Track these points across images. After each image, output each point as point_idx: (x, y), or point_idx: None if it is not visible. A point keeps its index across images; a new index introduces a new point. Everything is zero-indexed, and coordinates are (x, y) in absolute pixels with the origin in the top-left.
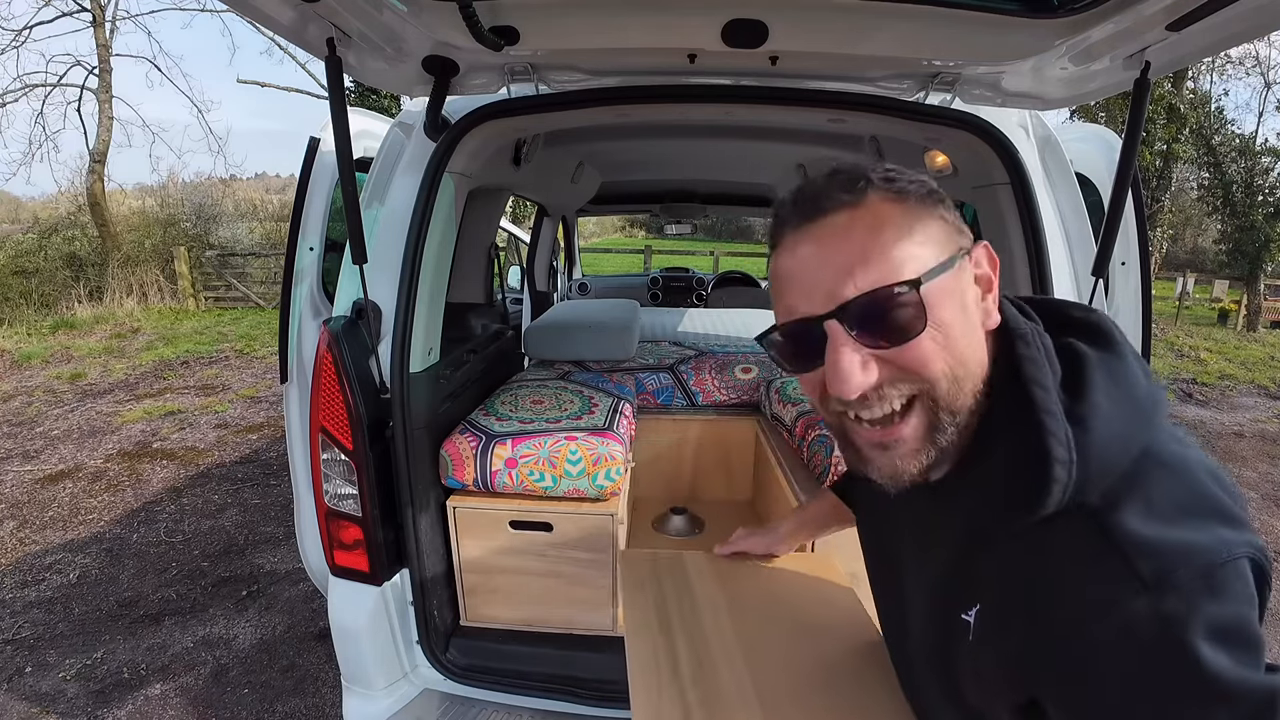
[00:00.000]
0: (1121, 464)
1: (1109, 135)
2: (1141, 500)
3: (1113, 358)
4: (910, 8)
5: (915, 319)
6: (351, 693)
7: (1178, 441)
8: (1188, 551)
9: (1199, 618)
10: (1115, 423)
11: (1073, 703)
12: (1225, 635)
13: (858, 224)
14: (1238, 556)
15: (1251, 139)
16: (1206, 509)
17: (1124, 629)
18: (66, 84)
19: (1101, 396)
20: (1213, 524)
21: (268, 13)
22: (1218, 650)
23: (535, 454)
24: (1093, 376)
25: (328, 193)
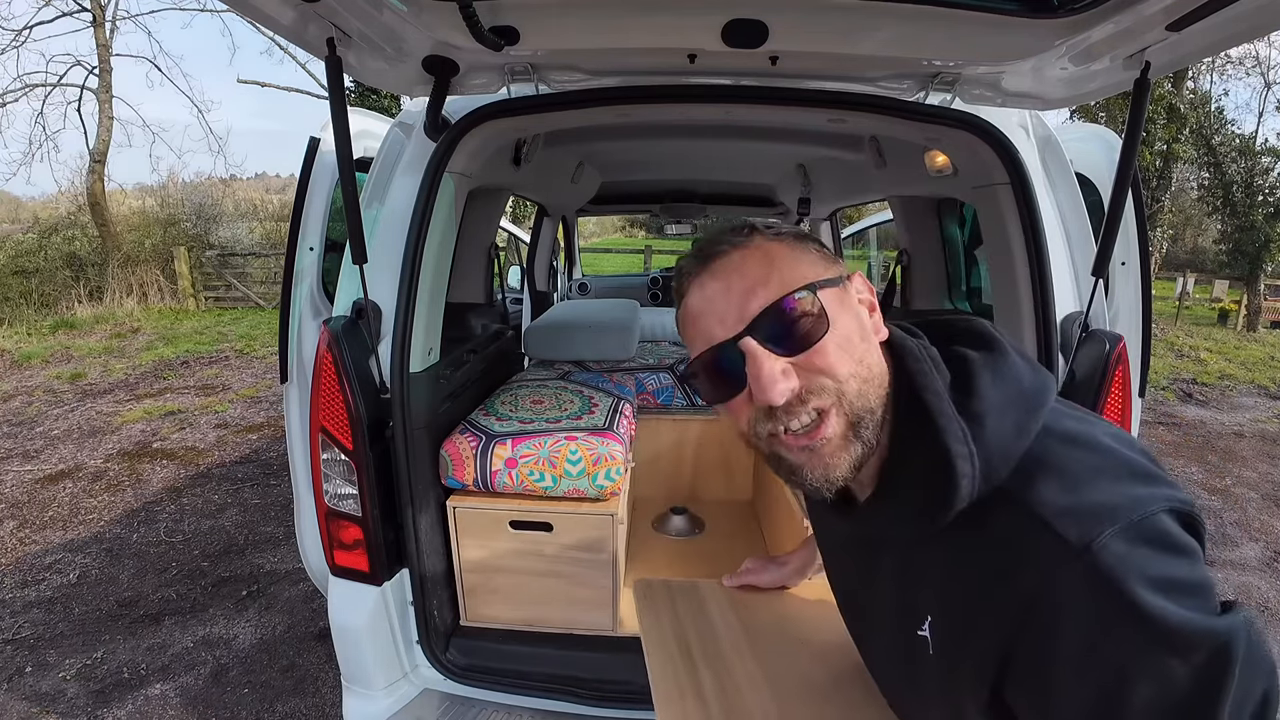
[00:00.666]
0: (1022, 447)
1: (1109, 135)
2: (1054, 474)
3: (996, 356)
4: (910, 8)
5: (818, 322)
6: (351, 693)
7: (1076, 418)
8: (1108, 510)
9: (1133, 570)
10: (1008, 412)
11: (1035, 681)
12: (1163, 583)
13: (750, 257)
14: (1155, 510)
15: (1251, 139)
16: (1118, 470)
17: (1065, 597)
18: (66, 84)
19: (990, 391)
20: (1126, 483)
21: (268, 13)
22: (1158, 596)
23: (535, 454)
24: (979, 375)
25: (328, 193)
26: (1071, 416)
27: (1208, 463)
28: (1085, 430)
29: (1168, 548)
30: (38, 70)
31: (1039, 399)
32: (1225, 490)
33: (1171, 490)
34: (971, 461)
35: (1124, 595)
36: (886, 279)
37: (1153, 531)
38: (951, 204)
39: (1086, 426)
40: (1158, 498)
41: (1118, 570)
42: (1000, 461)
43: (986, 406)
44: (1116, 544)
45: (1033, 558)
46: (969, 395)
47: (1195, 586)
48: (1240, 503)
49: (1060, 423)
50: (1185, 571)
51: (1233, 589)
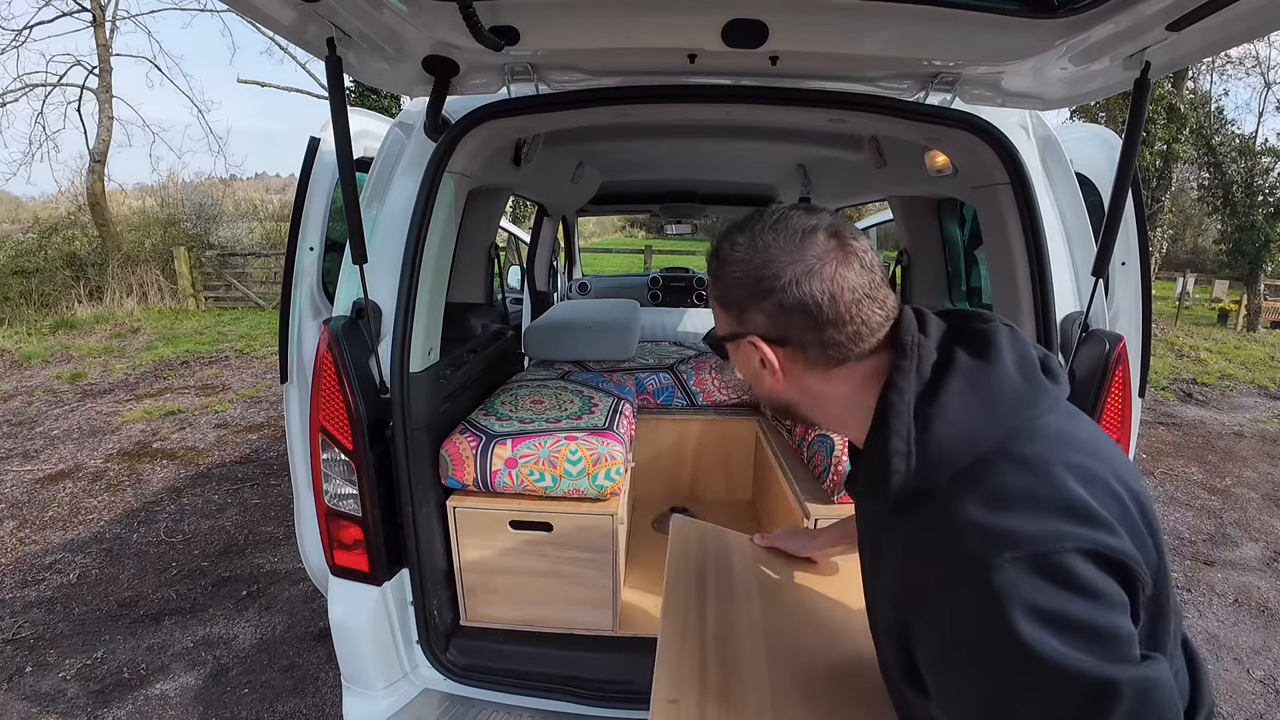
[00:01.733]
0: (966, 457)
1: (1109, 135)
2: (985, 490)
3: (984, 364)
4: (910, 8)
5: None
6: (351, 692)
7: (1057, 433)
8: (1015, 537)
9: (1019, 598)
10: (962, 422)
11: (932, 672)
12: (1050, 619)
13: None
14: (1067, 549)
15: (1251, 139)
16: (1049, 503)
17: (957, 602)
18: (66, 84)
19: (952, 398)
20: (1051, 517)
21: (268, 13)
22: (1040, 629)
23: (535, 454)
24: (949, 382)
25: (328, 193)
26: (1048, 435)
27: (1208, 463)
28: (1041, 456)
29: (1067, 585)
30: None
31: (1011, 414)
32: (1225, 490)
33: (1101, 535)
34: (907, 461)
35: (1003, 621)
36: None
37: (1055, 567)
38: (951, 204)
39: (1045, 453)
40: (1076, 536)
41: (1004, 595)
42: (938, 466)
43: (940, 414)
44: (1011, 570)
45: (940, 561)
46: (930, 400)
47: (1090, 628)
48: (1240, 503)
49: (1022, 442)
50: (1081, 611)
51: (1233, 589)
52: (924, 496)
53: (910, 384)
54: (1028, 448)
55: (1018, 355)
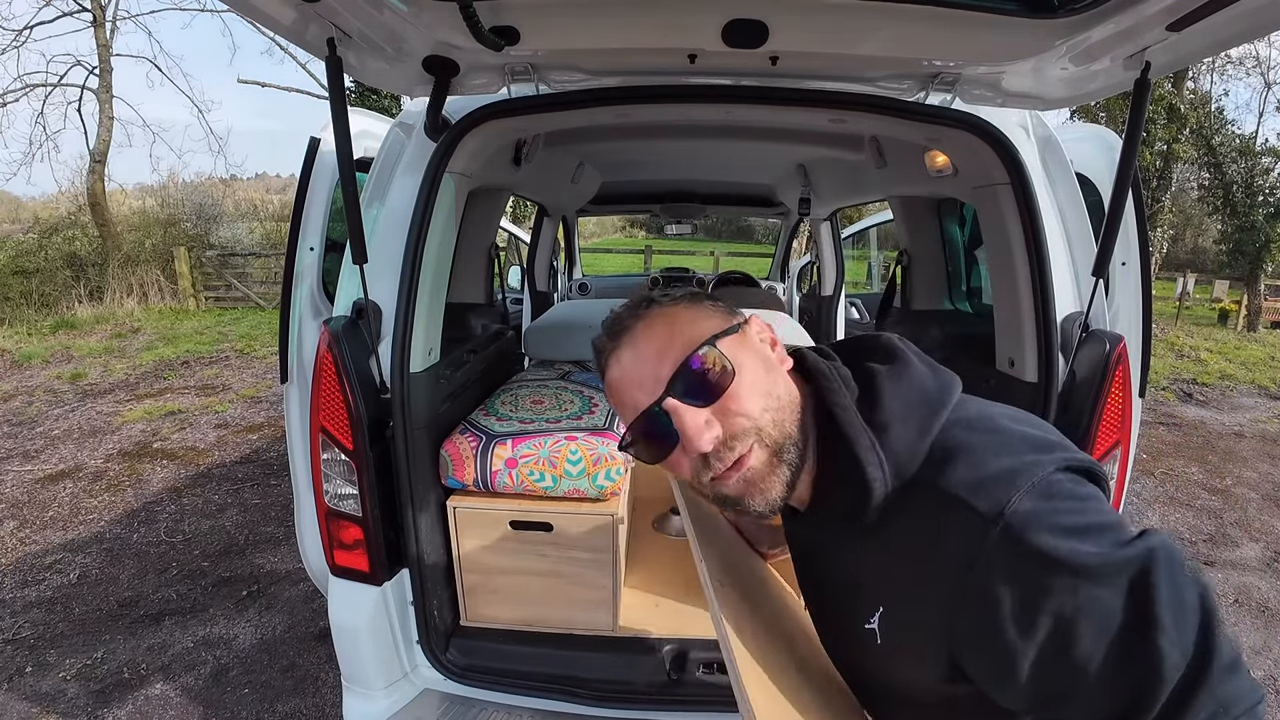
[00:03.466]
0: (926, 443)
1: (1109, 135)
2: (962, 456)
3: (899, 366)
4: (910, 8)
5: (724, 373)
6: (351, 693)
7: (977, 406)
8: (1010, 477)
9: (1043, 525)
10: (909, 416)
11: (988, 647)
12: (1070, 529)
13: (654, 323)
14: (1051, 470)
15: (1251, 139)
16: (1014, 444)
17: (991, 562)
18: (67, 84)
19: (892, 400)
20: (1023, 453)
21: (268, 13)
22: (1069, 540)
23: (535, 454)
24: (882, 386)
25: (328, 193)
26: (974, 405)
27: (1208, 463)
28: (984, 414)
29: (1068, 498)
30: (38, 70)
31: (940, 398)
32: (1225, 490)
33: (1064, 452)
34: (881, 466)
35: (1041, 549)
36: (887, 279)
37: (1052, 488)
38: (951, 204)
39: (986, 411)
40: (1052, 460)
41: (1031, 528)
42: (908, 459)
43: (889, 414)
44: (1023, 504)
45: (954, 533)
46: (873, 406)
47: (1101, 526)
48: (1240, 503)
49: (963, 412)
50: (1090, 516)
51: (1233, 589)
52: (903, 493)
53: (847, 398)
54: (968, 416)
55: (917, 353)
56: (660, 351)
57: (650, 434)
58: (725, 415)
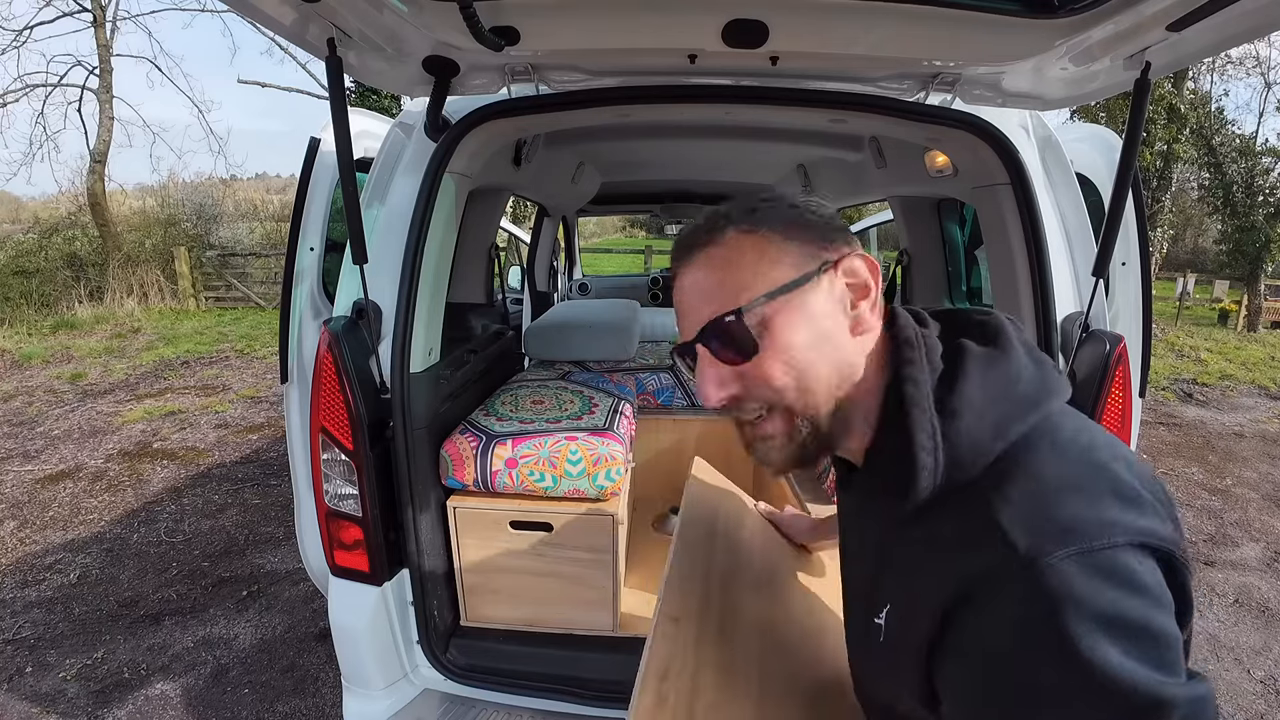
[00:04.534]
0: (998, 447)
1: (1109, 135)
2: (1028, 478)
3: (997, 352)
4: (910, 8)
5: (745, 342)
6: (351, 693)
7: (1078, 421)
8: (1069, 530)
9: (1075, 599)
10: (988, 411)
11: (959, 679)
12: (1109, 622)
13: (712, 261)
14: (1122, 542)
15: (1252, 139)
16: (1098, 489)
17: (999, 607)
18: (67, 84)
19: (973, 387)
20: (1102, 504)
21: (268, 13)
22: (1099, 636)
23: (535, 454)
24: (967, 370)
25: (328, 193)
26: (1073, 422)
27: (1208, 463)
28: (1080, 437)
29: (1125, 584)
30: (38, 70)
31: (1034, 401)
32: (1225, 490)
33: (1155, 523)
34: (935, 455)
35: (1059, 625)
36: (887, 279)
37: (1112, 563)
38: (951, 204)
39: (1084, 433)
40: (1131, 528)
41: (1060, 595)
42: (970, 459)
43: (964, 403)
44: (1067, 566)
45: (979, 559)
46: (950, 390)
47: (1147, 633)
48: (1240, 503)
49: (1057, 425)
50: (1140, 614)
51: (1233, 589)
52: (954, 492)
53: (924, 374)
54: (1060, 434)
55: (1026, 344)
56: (704, 297)
57: (689, 361)
58: (745, 379)
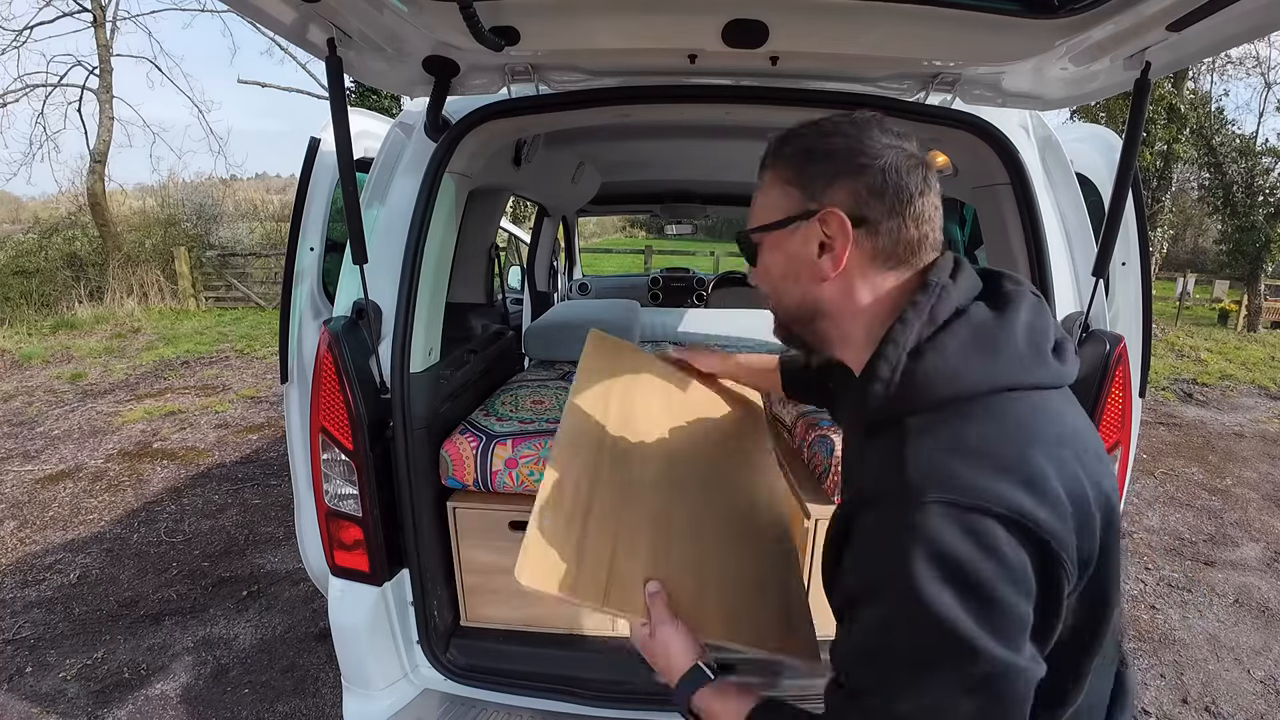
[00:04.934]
0: (946, 393)
1: (1109, 135)
2: (949, 433)
3: (996, 318)
4: (910, 8)
5: (748, 254)
6: (351, 693)
7: (1041, 411)
8: (950, 482)
9: (929, 539)
10: (952, 362)
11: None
12: (950, 571)
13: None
14: (996, 511)
15: (1252, 139)
16: (1005, 463)
17: (874, 527)
18: (67, 84)
19: (950, 340)
20: (999, 476)
21: (268, 13)
22: (935, 578)
23: (536, 454)
24: (954, 325)
25: (328, 193)
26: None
27: (1208, 463)
28: (1025, 424)
29: (981, 546)
30: (38, 70)
31: (1005, 373)
32: (1225, 490)
33: (1044, 513)
34: (887, 385)
35: (907, 557)
36: None
37: (978, 525)
38: (951, 204)
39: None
40: (1011, 504)
41: (919, 533)
42: (916, 396)
43: (934, 349)
44: (936, 510)
45: (882, 480)
46: (930, 340)
47: (988, 596)
48: (1240, 503)
49: (1014, 406)
50: (986, 576)
51: (1233, 589)
52: (895, 423)
53: (918, 321)
54: (1013, 410)
55: (1031, 322)
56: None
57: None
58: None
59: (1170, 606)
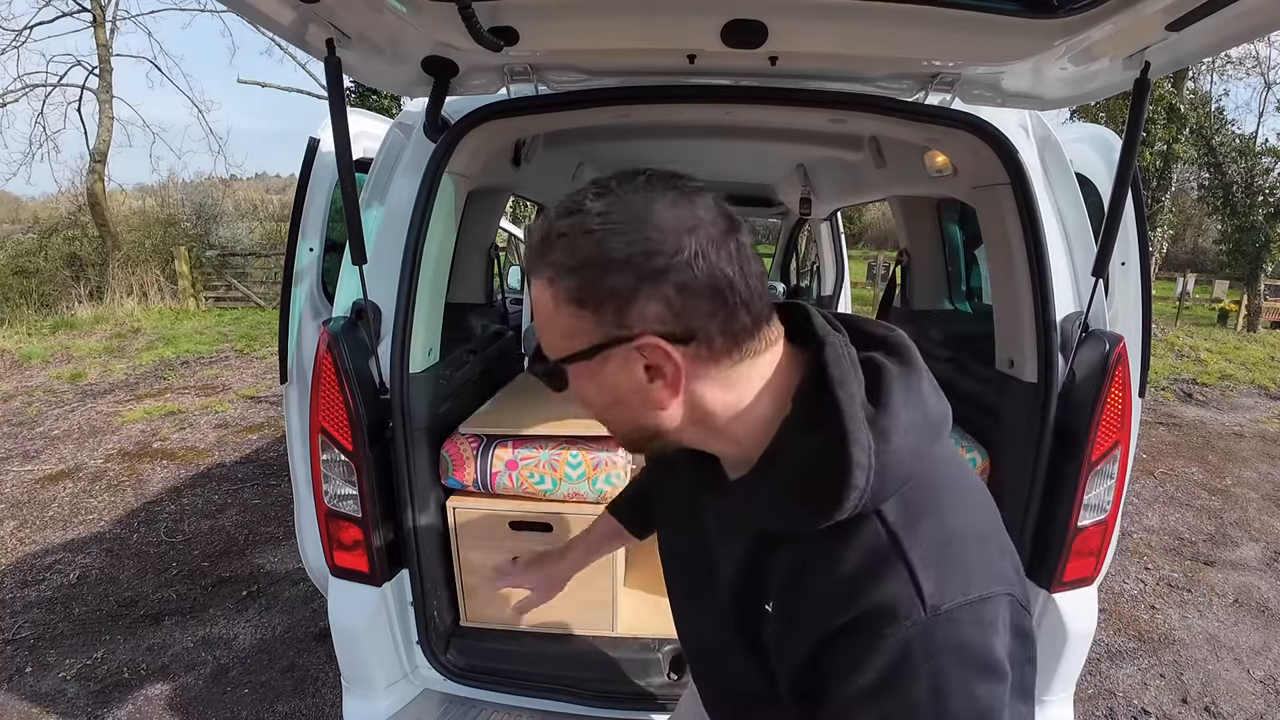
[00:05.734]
0: (910, 478)
1: (1109, 135)
2: (935, 518)
3: (911, 372)
4: (910, 9)
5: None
6: (351, 693)
7: (959, 464)
8: (969, 581)
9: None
10: (910, 436)
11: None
12: (977, 665)
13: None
14: (1000, 593)
15: (1251, 139)
16: (990, 534)
17: (897, 644)
18: (67, 84)
19: (900, 409)
20: (993, 553)
21: (268, 14)
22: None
23: (536, 456)
24: (893, 389)
25: (328, 193)
26: (955, 461)
27: (1208, 463)
28: (968, 482)
29: (994, 630)
30: (38, 70)
31: (939, 429)
32: (1225, 490)
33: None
34: (868, 477)
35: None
36: (887, 278)
37: (993, 611)
38: (951, 204)
39: (968, 477)
40: (1009, 580)
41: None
42: (892, 484)
43: (896, 424)
44: (961, 614)
45: (881, 591)
46: (882, 408)
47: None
48: (1240, 503)
49: (945, 462)
50: (991, 652)
51: (1233, 589)
52: (857, 521)
53: (855, 384)
54: (953, 471)
55: (925, 367)
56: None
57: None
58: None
59: (1170, 606)
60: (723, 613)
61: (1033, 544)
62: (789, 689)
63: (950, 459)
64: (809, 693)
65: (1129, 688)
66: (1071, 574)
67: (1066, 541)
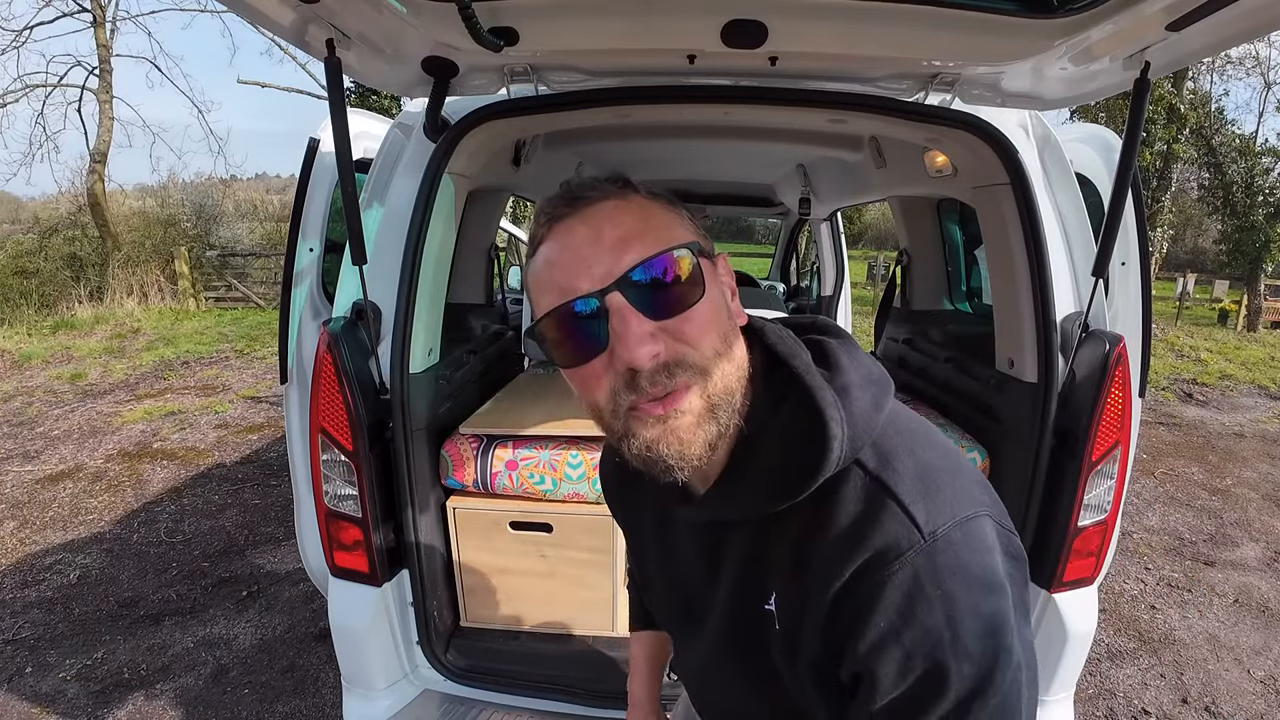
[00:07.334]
0: (879, 422)
1: (1109, 135)
2: (909, 456)
3: (848, 341)
4: (910, 9)
5: (693, 287)
6: (352, 693)
7: (913, 414)
8: (954, 504)
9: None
10: (866, 391)
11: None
12: (980, 583)
13: (628, 209)
14: (982, 513)
15: (1251, 139)
16: (955, 464)
17: (906, 578)
18: (67, 84)
19: (850, 368)
20: (964, 481)
21: (268, 14)
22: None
23: (536, 456)
24: (838, 353)
25: (328, 193)
26: (905, 411)
27: (1208, 463)
28: (923, 425)
29: (985, 548)
30: (38, 71)
31: (886, 386)
32: (1225, 490)
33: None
34: (842, 426)
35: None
36: (887, 279)
37: (980, 530)
38: (951, 204)
39: (921, 421)
40: (984, 501)
41: (949, 560)
42: (864, 433)
43: (850, 380)
44: (954, 535)
45: (881, 534)
46: (834, 369)
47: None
48: (1240, 503)
49: (898, 413)
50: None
51: (1233, 589)
52: (841, 477)
53: (805, 356)
54: (905, 418)
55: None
56: (625, 239)
57: (574, 328)
58: (674, 338)
59: (1170, 606)
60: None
61: (1033, 544)
62: (811, 680)
63: (905, 411)
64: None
65: (1129, 688)
66: (1071, 574)
67: (1066, 541)
